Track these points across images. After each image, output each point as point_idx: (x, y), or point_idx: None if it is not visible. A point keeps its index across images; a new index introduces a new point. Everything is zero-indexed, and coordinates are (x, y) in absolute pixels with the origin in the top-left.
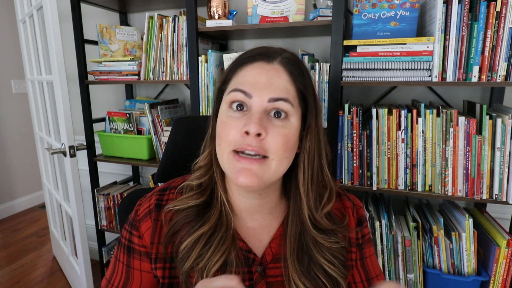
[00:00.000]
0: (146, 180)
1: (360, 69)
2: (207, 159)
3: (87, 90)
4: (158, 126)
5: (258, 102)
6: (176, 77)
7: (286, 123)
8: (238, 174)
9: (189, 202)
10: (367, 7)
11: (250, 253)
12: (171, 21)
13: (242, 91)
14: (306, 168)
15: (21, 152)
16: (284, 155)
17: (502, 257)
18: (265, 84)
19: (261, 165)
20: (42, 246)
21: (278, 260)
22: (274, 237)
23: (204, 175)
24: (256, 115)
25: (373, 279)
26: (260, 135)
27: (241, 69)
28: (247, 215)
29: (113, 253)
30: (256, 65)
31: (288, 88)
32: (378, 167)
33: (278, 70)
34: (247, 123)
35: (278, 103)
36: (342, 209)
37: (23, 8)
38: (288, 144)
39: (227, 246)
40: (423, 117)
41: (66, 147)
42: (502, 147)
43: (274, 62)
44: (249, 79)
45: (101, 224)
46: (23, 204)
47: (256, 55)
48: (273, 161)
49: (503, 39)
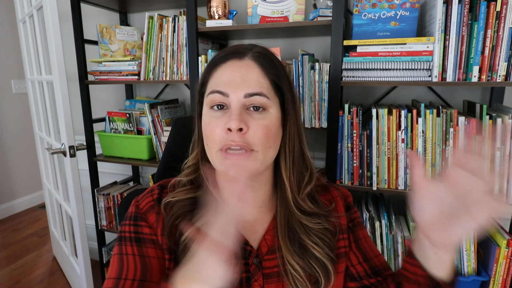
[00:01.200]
0: (146, 180)
1: (360, 69)
2: (196, 158)
3: (87, 90)
4: (158, 126)
5: (235, 99)
6: (176, 77)
7: (265, 115)
8: (229, 169)
9: (186, 194)
10: (367, 7)
11: (247, 246)
12: (171, 21)
13: (219, 92)
14: (287, 153)
15: (21, 152)
16: (267, 145)
17: (502, 257)
18: (239, 81)
19: (248, 158)
20: (42, 246)
21: (273, 251)
22: (268, 229)
23: (193, 173)
24: (236, 111)
25: (373, 259)
26: (241, 129)
27: (215, 70)
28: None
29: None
30: (229, 64)
31: (262, 81)
32: (378, 167)
33: (250, 65)
34: (228, 120)
35: (254, 98)
36: (331, 199)
37: (23, 8)
38: (269, 133)
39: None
40: (423, 117)
41: (66, 147)
42: (502, 147)
43: (246, 58)
44: (224, 79)
45: (101, 224)
46: (23, 204)
47: (228, 54)
48: (259, 152)
49: (503, 39)
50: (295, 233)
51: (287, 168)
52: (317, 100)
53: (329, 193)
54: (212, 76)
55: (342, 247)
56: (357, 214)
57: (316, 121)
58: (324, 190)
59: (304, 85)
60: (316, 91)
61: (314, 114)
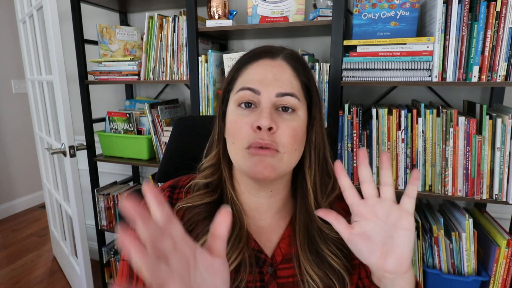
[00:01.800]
0: (146, 180)
1: (360, 69)
2: (215, 159)
3: (87, 90)
4: (158, 126)
5: (267, 97)
6: (176, 77)
7: (294, 116)
8: (255, 167)
9: (201, 199)
10: (367, 7)
11: (261, 253)
12: (171, 21)
13: (250, 89)
14: (312, 158)
15: (21, 152)
16: (294, 148)
17: (502, 257)
18: (271, 80)
19: (274, 157)
20: (42, 246)
21: (288, 260)
22: (283, 237)
23: (212, 175)
24: (266, 110)
25: None
26: (271, 129)
27: (246, 68)
28: (256, 214)
29: (113, 254)
30: (260, 63)
31: (293, 82)
32: (378, 167)
33: (283, 66)
34: (258, 118)
35: (285, 98)
36: (347, 209)
37: (23, 8)
38: (297, 136)
39: (243, 245)
40: (423, 117)
41: (66, 147)
42: (502, 147)
43: (278, 58)
44: (256, 76)
45: (101, 224)
46: (23, 204)
47: (259, 53)
48: (285, 154)
49: (503, 39)
50: (314, 241)
51: (312, 172)
52: None
53: (344, 203)
54: (242, 74)
55: (356, 259)
56: None
57: None
58: (339, 198)
59: None
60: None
61: None
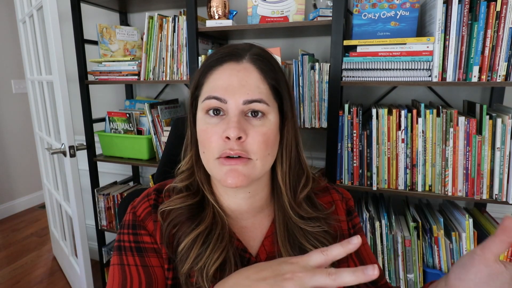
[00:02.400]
0: (146, 180)
1: (360, 69)
2: (189, 163)
3: (87, 90)
4: (158, 126)
5: (234, 105)
6: (176, 77)
7: (264, 121)
8: (226, 177)
9: (183, 202)
10: (367, 7)
11: (245, 252)
12: (171, 21)
13: (216, 98)
14: (284, 157)
15: (21, 152)
16: (266, 153)
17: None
18: (237, 87)
19: (246, 165)
20: (42, 246)
21: (272, 257)
22: (267, 235)
23: (188, 179)
24: (234, 119)
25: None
26: (240, 138)
27: (211, 73)
28: (238, 214)
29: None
30: (225, 67)
31: (261, 86)
32: (378, 167)
33: (248, 69)
34: (226, 128)
35: (253, 105)
36: (331, 201)
37: (23, 8)
38: (268, 141)
39: (225, 244)
40: (423, 117)
41: (66, 147)
42: (502, 147)
43: (243, 61)
44: (221, 83)
45: (101, 224)
46: (23, 204)
47: (224, 56)
48: (257, 160)
49: (503, 39)
50: (295, 237)
51: (284, 173)
52: (317, 100)
53: (329, 195)
54: (208, 80)
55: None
56: (357, 219)
57: (316, 121)
58: (324, 192)
59: (304, 85)
60: (316, 91)
61: (314, 114)
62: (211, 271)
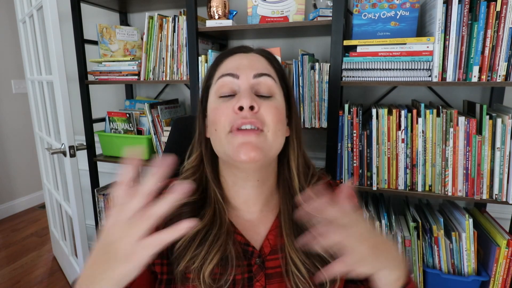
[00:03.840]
0: None
1: (360, 69)
2: (196, 160)
3: (87, 90)
4: (158, 126)
5: (245, 80)
6: (176, 77)
7: (273, 100)
8: (239, 150)
9: (183, 199)
10: (367, 7)
11: (248, 246)
12: (171, 21)
13: (229, 74)
14: (295, 143)
15: (21, 152)
16: (277, 127)
17: (502, 257)
18: (247, 65)
19: (259, 137)
20: (42, 246)
21: (276, 251)
22: (271, 229)
23: (192, 176)
24: (246, 91)
25: None
26: (253, 108)
27: (222, 63)
28: (244, 208)
29: None
30: (235, 56)
31: (269, 68)
32: (378, 167)
33: (256, 56)
34: (238, 99)
35: (262, 78)
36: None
37: (23, 8)
38: (280, 116)
39: (221, 243)
40: (423, 117)
41: (66, 147)
42: (502, 147)
43: (251, 52)
44: (233, 64)
45: (101, 224)
46: (23, 204)
47: (233, 50)
48: (269, 133)
49: (503, 39)
50: (301, 228)
51: (296, 157)
52: (317, 100)
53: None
54: (219, 68)
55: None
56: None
57: (316, 121)
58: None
59: (304, 85)
60: (316, 91)
61: (314, 114)
62: (207, 271)
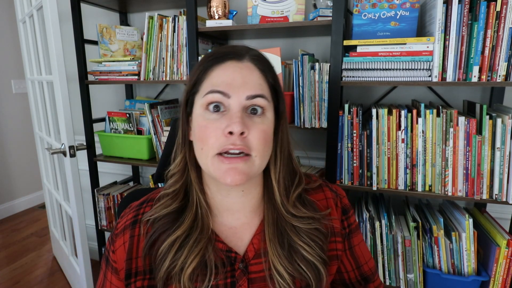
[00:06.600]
0: (146, 180)
1: (360, 69)
2: (181, 164)
3: (87, 90)
4: (158, 126)
5: (237, 101)
6: (176, 77)
7: (263, 119)
8: (226, 175)
9: (163, 209)
10: (367, 7)
11: (230, 253)
12: (171, 21)
13: (220, 92)
14: (278, 156)
15: (21, 152)
16: (265, 150)
17: (502, 257)
18: (241, 82)
19: (246, 163)
20: (42, 246)
21: (260, 255)
22: (256, 233)
23: (179, 181)
24: (238, 114)
25: (363, 266)
26: (243, 133)
27: (212, 70)
28: (228, 215)
29: None
30: (228, 64)
31: (262, 84)
32: (378, 167)
33: (250, 68)
34: (229, 123)
35: (256, 100)
36: (324, 199)
37: (23, 8)
38: (267, 139)
39: (201, 247)
40: (423, 117)
41: (66, 147)
42: (502, 147)
43: (244, 60)
44: (224, 78)
45: (101, 224)
46: (23, 204)
47: (225, 55)
48: (256, 157)
49: (503, 39)
50: (285, 234)
51: (277, 172)
52: (317, 100)
53: (322, 193)
54: (209, 76)
55: (334, 250)
56: (353, 218)
57: (316, 121)
58: (316, 189)
59: (304, 85)
60: (316, 91)
61: (314, 114)
62: (186, 274)
